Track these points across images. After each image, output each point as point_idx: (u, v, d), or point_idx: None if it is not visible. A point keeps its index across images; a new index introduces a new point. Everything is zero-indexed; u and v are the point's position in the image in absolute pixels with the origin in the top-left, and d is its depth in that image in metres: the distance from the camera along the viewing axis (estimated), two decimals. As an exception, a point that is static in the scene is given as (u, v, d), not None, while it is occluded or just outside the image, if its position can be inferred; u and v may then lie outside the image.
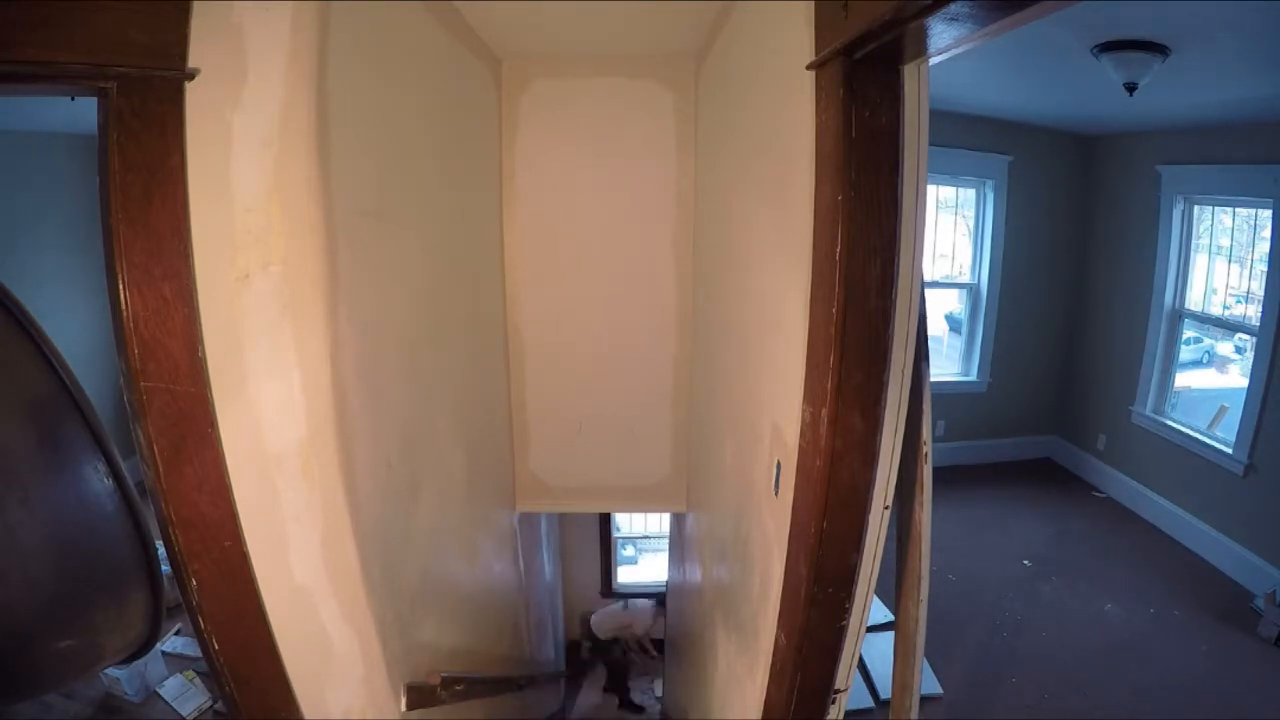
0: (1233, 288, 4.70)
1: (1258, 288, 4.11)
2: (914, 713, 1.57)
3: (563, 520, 5.53)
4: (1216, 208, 4.53)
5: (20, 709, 2.62)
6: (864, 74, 1.04)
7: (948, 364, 5.80)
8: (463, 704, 2.11)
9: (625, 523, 6.40)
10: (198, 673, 3.08)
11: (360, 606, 1.43)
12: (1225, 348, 6.52)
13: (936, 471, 1.46)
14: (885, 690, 3.26)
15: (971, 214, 5.39)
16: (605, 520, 5.99)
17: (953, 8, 0.78)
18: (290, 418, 1.21)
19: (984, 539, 4.65)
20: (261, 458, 1.16)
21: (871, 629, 1.84)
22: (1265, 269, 3.93)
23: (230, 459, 1.08)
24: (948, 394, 5.46)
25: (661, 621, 5.42)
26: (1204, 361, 6.64)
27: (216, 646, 1.13)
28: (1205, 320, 4.66)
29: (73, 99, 1.00)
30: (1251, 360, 4.08)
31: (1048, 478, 5.52)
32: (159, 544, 1.17)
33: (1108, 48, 2.75)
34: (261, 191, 1.12)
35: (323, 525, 1.30)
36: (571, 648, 6.03)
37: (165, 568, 1.26)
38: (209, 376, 1.04)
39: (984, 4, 0.78)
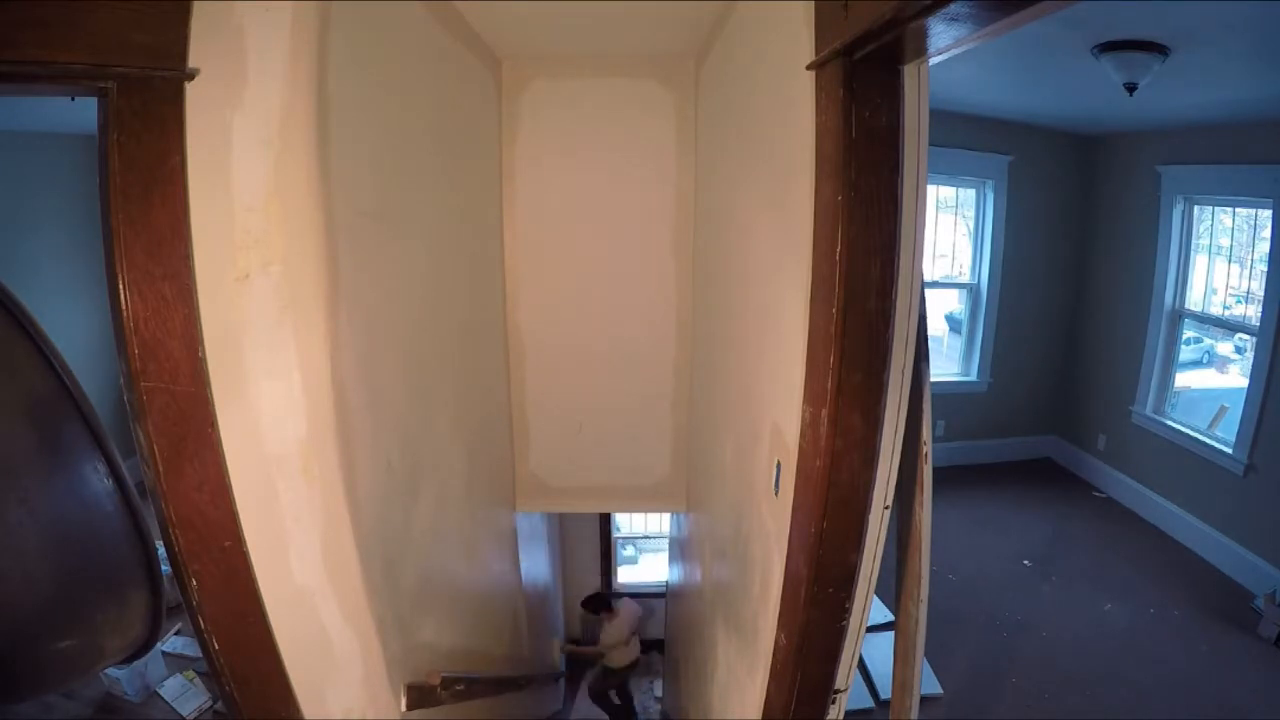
0: (1233, 288, 4.70)
1: (1258, 288, 4.10)
2: (914, 713, 1.57)
3: (563, 520, 5.53)
4: (1216, 208, 4.53)
5: (21, 709, 2.62)
6: (864, 74, 1.04)
7: (948, 364, 5.80)
8: (463, 704, 2.11)
9: (625, 523, 6.40)
10: (198, 673, 3.08)
11: (360, 607, 1.43)
12: (1225, 348, 6.52)
13: (936, 471, 1.46)
14: (885, 690, 3.26)
15: (971, 214, 5.39)
16: (605, 520, 5.99)
17: (953, 8, 0.78)
18: (290, 418, 1.21)
19: (984, 539, 4.65)
20: (261, 458, 1.16)
21: (871, 629, 1.84)
22: (1265, 269, 3.93)
23: (230, 459, 1.08)
24: (948, 394, 5.46)
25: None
26: (1204, 361, 6.64)
27: (216, 646, 1.13)
28: (1205, 320, 4.66)
29: (73, 99, 1.00)
30: (1251, 360, 4.08)
31: (1048, 478, 5.52)
32: (159, 544, 1.17)
33: (1108, 48, 2.75)
34: (261, 191, 1.12)
35: (323, 525, 1.30)
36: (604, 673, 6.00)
37: (165, 568, 1.26)
38: (209, 376, 1.04)
39: (984, 4, 0.78)
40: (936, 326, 7.47)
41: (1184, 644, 3.57)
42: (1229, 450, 4.15)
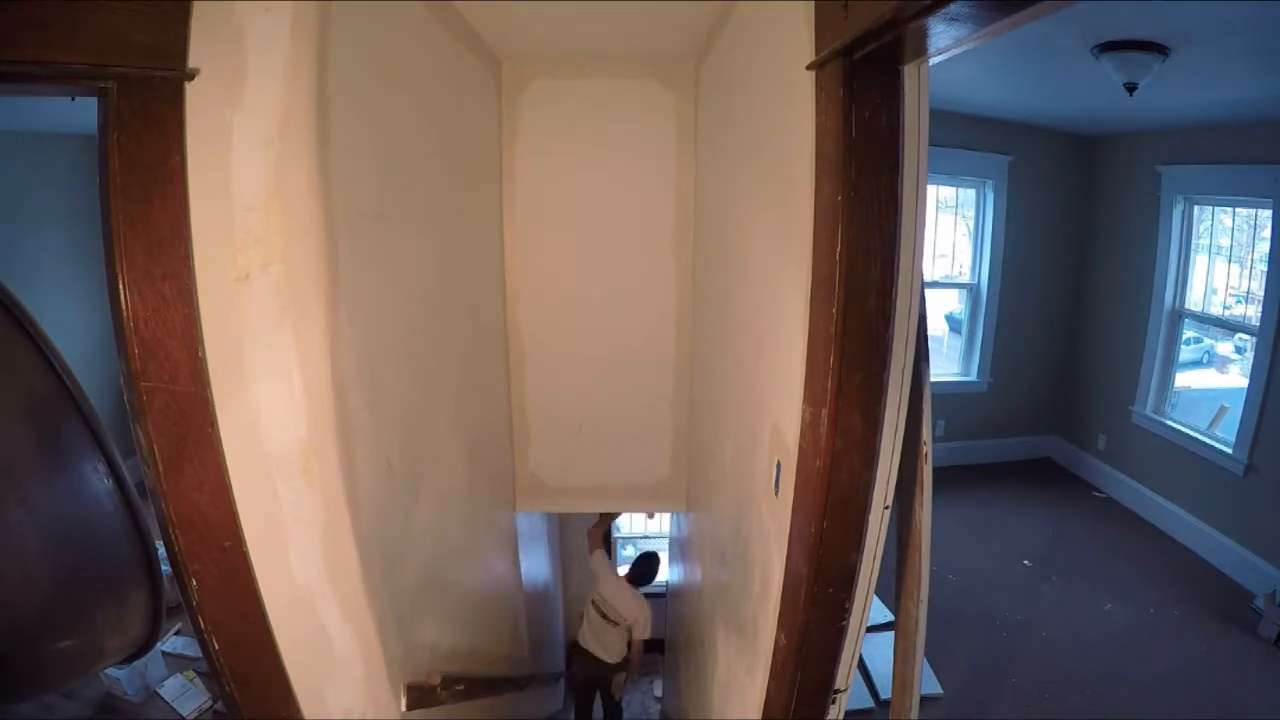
0: (1233, 288, 4.70)
1: (1258, 288, 4.10)
2: (914, 713, 1.57)
3: (563, 520, 5.53)
4: (1216, 208, 4.53)
5: (21, 709, 2.62)
6: (864, 74, 1.04)
7: (948, 364, 5.80)
8: (463, 704, 2.11)
9: (625, 523, 6.40)
10: (198, 673, 3.08)
11: (360, 606, 1.43)
12: (1225, 348, 6.52)
13: (936, 471, 1.46)
14: (885, 690, 3.26)
15: (971, 214, 5.39)
16: (605, 520, 5.99)
17: (953, 8, 0.78)
18: (290, 418, 1.21)
19: (984, 539, 4.65)
20: (261, 458, 1.16)
21: (871, 629, 1.84)
22: (1265, 269, 3.93)
23: (230, 459, 1.08)
24: (948, 394, 5.46)
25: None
26: (1204, 361, 6.64)
27: (216, 646, 1.13)
28: (1205, 320, 4.66)
29: (73, 99, 1.00)
30: (1251, 360, 4.08)
31: (1048, 478, 5.52)
32: (159, 544, 1.17)
33: (1108, 48, 2.75)
34: (261, 191, 1.12)
35: (323, 525, 1.30)
36: (571, 648, 6.01)
37: (165, 568, 1.26)
38: (209, 376, 1.04)
39: (984, 4, 0.78)
40: (936, 326, 7.47)
41: (1184, 644, 3.57)
42: (1229, 450, 4.15)
